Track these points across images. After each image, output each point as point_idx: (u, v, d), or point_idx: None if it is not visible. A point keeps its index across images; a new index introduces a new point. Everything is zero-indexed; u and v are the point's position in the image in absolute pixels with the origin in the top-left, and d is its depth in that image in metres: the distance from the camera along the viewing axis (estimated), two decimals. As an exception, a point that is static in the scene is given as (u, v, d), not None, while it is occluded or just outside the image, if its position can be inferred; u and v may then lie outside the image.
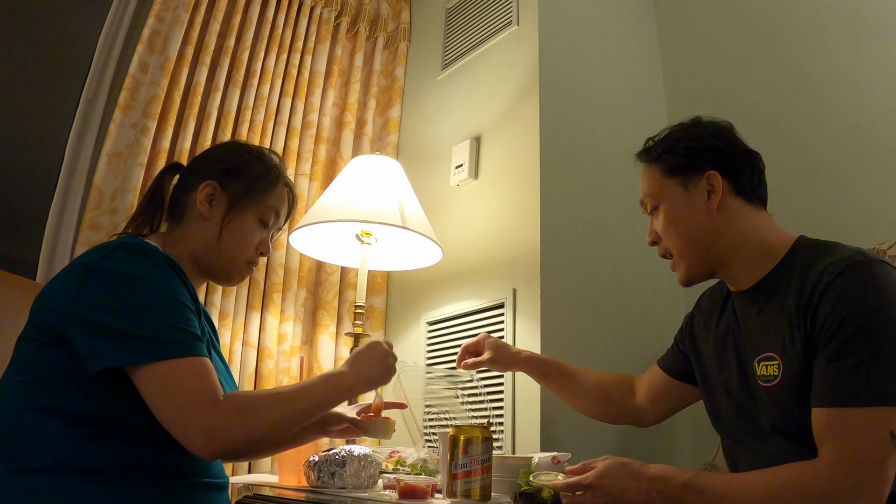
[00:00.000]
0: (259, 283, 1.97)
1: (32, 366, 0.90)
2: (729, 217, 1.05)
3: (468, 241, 1.94)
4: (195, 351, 0.88)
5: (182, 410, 0.84)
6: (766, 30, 2.03)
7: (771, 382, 0.97)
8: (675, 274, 1.12)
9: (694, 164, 1.07)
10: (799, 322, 0.94)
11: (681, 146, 1.09)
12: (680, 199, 1.07)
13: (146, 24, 1.94)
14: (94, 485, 0.84)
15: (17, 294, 1.31)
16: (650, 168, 1.13)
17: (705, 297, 1.25)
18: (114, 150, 1.80)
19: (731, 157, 1.07)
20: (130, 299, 0.88)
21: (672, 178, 1.09)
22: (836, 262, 0.93)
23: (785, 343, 0.96)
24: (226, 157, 1.14)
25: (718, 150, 1.07)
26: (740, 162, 1.08)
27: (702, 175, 1.06)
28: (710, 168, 1.06)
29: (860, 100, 1.73)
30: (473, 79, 2.15)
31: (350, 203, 1.66)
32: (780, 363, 0.97)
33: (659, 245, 1.13)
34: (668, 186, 1.09)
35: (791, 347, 0.95)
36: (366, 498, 1.05)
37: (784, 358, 0.96)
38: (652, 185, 1.12)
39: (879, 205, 1.63)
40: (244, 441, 0.86)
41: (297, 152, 2.16)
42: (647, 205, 1.13)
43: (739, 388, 1.06)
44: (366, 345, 1.10)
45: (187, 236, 1.09)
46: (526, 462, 1.16)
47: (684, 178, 1.08)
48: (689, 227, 1.07)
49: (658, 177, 1.11)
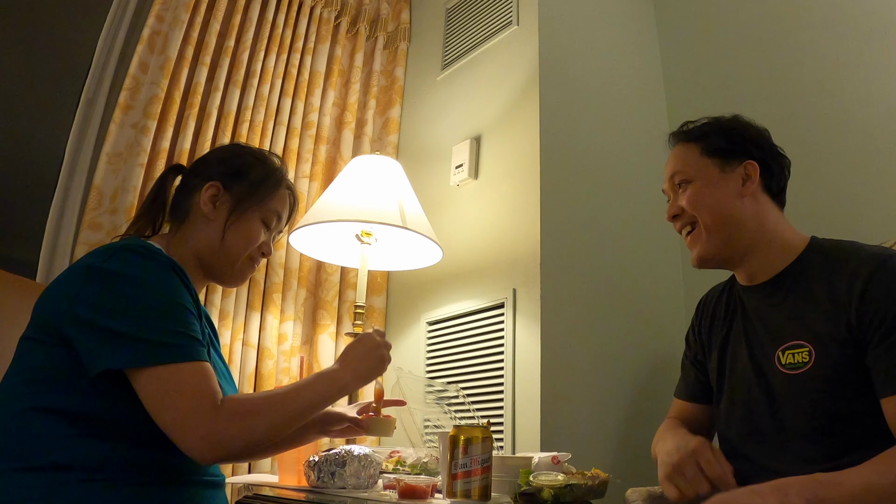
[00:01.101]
0: (259, 283, 1.97)
1: (33, 366, 0.90)
2: (757, 207, 1.08)
3: (468, 241, 1.94)
4: (195, 355, 0.88)
5: (181, 416, 0.83)
6: (766, 30, 2.03)
7: (799, 370, 0.98)
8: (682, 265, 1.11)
9: (736, 151, 1.10)
10: (839, 311, 0.95)
11: (726, 131, 1.13)
12: (715, 179, 1.10)
13: (146, 24, 1.94)
14: (94, 484, 0.84)
15: (17, 294, 1.31)
16: (687, 146, 1.15)
17: (703, 304, 1.25)
18: (114, 150, 1.80)
19: (770, 155, 1.12)
20: (132, 301, 0.88)
21: (711, 157, 1.11)
22: (873, 255, 0.96)
23: (818, 330, 0.97)
24: (229, 159, 1.15)
25: (760, 146, 1.12)
26: (775, 163, 1.12)
27: (740, 163, 1.10)
28: (749, 158, 1.10)
29: (860, 99, 1.73)
30: (473, 79, 2.15)
31: (350, 203, 1.66)
32: (812, 349, 0.97)
33: (680, 218, 1.13)
34: (706, 165, 1.11)
35: (826, 334, 0.96)
36: (366, 498, 1.05)
37: (816, 344, 0.97)
38: (688, 161, 1.13)
39: (880, 204, 1.63)
40: (243, 446, 0.87)
41: (297, 152, 2.16)
42: (677, 180, 1.14)
43: (755, 382, 1.05)
44: (356, 339, 1.10)
45: (190, 237, 1.09)
46: (526, 462, 1.16)
47: (723, 160, 1.10)
48: (721, 206, 1.08)
49: (696, 154, 1.13)
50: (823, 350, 0.96)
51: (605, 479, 1.13)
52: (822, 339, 0.97)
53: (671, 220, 1.15)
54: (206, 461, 0.85)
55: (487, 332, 1.78)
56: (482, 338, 1.78)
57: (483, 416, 1.67)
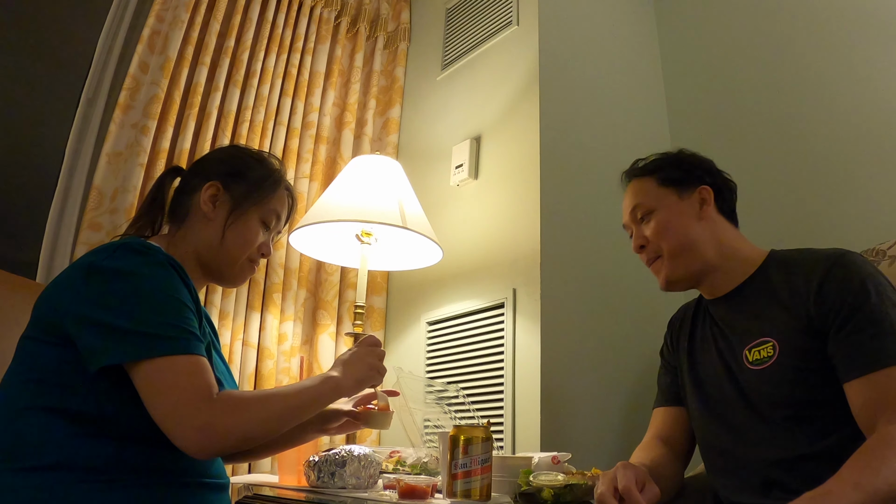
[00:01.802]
0: (259, 283, 1.97)
1: (34, 365, 0.90)
2: (714, 228, 1.17)
3: (468, 241, 1.94)
4: (192, 349, 0.88)
5: (175, 408, 0.83)
6: (765, 30, 2.03)
7: (765, 364, 1.04)
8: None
9: (689, 178, 1.19)
10: (799, 304, 1.02)
11: (677, 161, 1.22)
12: (675, 206, 1.18)
13: (146, 24, 1.94)
14: (96, 484, 0.84)
15: (17, 294, 1.31)
16: (642, 180, 1.23)
17: (673, 320, 1.33)
18: (114, 150, 1.80)
19: (720, 180, 1.22)
20: (130, 297, 0.88)
21: (667, 187, 1.19)
22: (828, 254, 1.04)
23: (780, 324, 1.04)
24: (228, 160, 1.15)
25: (711, 172, 1.22)
26: (725, 186, 1.22)
27: (695, 188, 1.18)
28: (702, 183, 1.19)
29: (860, 99, 1.73)
30: (473, 79, 2.15)
31: (350, 203, 1.66)
32: (776, 343, 1.03)
33: (646, 249, 1.20)
34: (665, 195, 1.19)
35: (789, 327, 1.02)
36: (366, 498, 1.05)
37: (779, 337, 1.03)
38: (648, 193, 1.21)
39: (880, 204, 1.63)
40: (237, 440, 0.86)
41: (297, 152, 2.16)
42: (638, 213, 1.22)
43: (726, 381, 1.10)
44: (355, 345, 1.13)
45: (190, 237, 1.09)
46: (526, 462, 1.16)
47: (679, 188, 1.19)
48: (683, 232, 1.16)
49: (654, 186, 1.20)
50: (786, 342, 1.02)
51: (605, 479, 1.13)
52: (784, 332, 1.03)
53: (638, 252, 1.22)
54: (200, 454, 0.85)
55: (487, 332, 1.78)
56: (482, 338, 1.79)
57: (483, 416, 1.67)
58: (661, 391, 1.29)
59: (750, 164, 1.96)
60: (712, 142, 2.08)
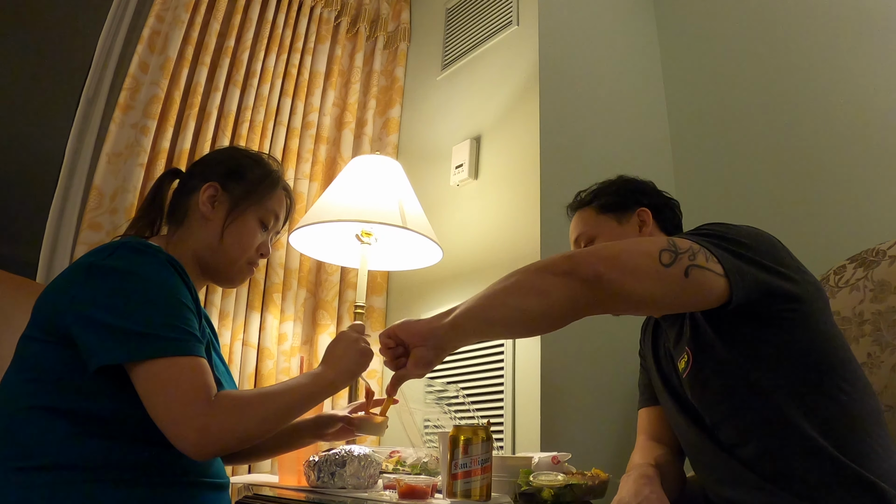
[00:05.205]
0: (259, 284, 1.97)
1: (34, 365, 0.90)
2: None
3: (468, 241, 1.94)
4: (192, 350, 0.88)
5: (175, 409, 0.84)
6: (765, 30, 2.03)
7: (685, 372, 1.05)
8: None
9: (626, 202, 1.23)
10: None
11: (614, 188, 1.26)
12: (615, 232, 1.22)
13: (146, 24, 1.94)
14: (96, 483, 0.84)
15: (17, 294, 1.31)
16: (583, 211, 1.27)
17: (645, 322, 1.33)
18: (114, 150, 1.80)
19: (658, 200, 1.25)
20: (131, 297, 0.88)
21: (606, 214, 1.24)
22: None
23: (688, 338, 1.04)
24: (226, 161, 1.16)
25: (647, 192, 1.25)
26: (664, 205, 1.25)
27: (633, 212, 1.22)
28: (639, 206, 1.22)
29: (860, 100, 1.73)
30: (473, 79, 2.15)
31: (350, 203, 1.66)
32: (688, 352, 1.04)
33: None
34: (604, 221, 1.23)
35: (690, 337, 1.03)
36: (366, 498, 1.05)
37: (692, 347, 1.03)
38: (588, 222, 1.25)
39: (880, 204, 1.63)
40: (236, 440, 0.87)
41: (297, 152, 2.16)
42: (582, 242, 1.26)
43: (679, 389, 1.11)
44: (336, 338, 1.11)
45: (189, 238, 1.10)
46: (526, 462, 1.16)
47: (618, 214, 1.23)
48: None
49: (593, 215, 1.25)
50: (698, 351, 1.01)
51: (605, 479, 1.13)
52: (692, 341, 1.03)
53: None
54: (199, 455, 0.85)
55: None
56: (482, 338, 1.78)
57: (483, 416, 1.67)
58: (641, 391, 1.31)
59: (749, 164, 1.96)
60: (712, 142, 2.09)
